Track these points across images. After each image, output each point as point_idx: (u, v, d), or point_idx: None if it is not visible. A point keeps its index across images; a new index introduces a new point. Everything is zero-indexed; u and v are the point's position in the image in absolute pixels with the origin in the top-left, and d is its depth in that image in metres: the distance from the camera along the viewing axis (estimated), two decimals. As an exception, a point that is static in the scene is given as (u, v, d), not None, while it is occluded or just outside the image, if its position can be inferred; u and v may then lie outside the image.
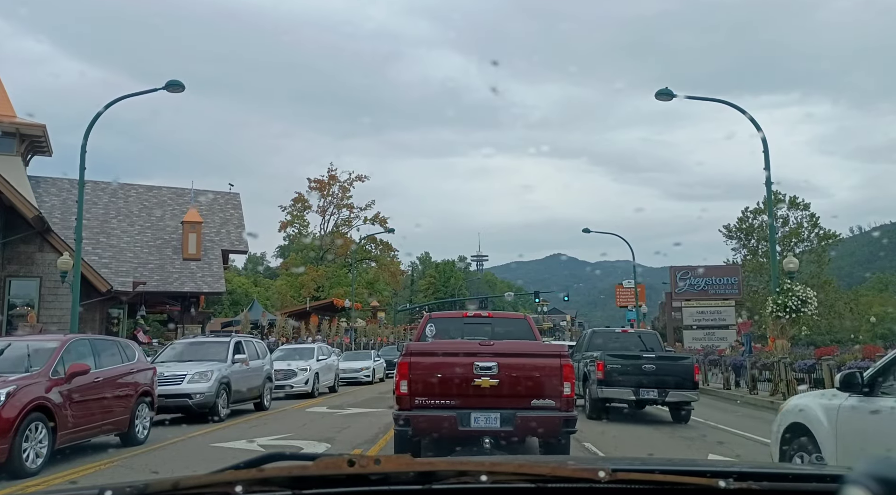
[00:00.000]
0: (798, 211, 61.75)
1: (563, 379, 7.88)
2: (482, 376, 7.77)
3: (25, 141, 28.60)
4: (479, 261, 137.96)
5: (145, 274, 31.28)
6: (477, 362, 7.82)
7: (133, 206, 35.38)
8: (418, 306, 75.57)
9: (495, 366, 7.80)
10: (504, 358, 7.91)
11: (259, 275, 76.75)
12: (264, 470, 1.39)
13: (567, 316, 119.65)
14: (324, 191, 59.38)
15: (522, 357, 8.19)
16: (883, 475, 1.08)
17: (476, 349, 8.07)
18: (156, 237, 34.10)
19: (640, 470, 1.56)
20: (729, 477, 1.41)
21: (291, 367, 19.71)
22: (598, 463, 1.56)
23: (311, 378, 19.93)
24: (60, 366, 8.80)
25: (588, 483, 1.37)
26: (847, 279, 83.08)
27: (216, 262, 33.73)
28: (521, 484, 1.40)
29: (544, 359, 8.19)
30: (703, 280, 38.46)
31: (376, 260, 62.93)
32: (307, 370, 20.00)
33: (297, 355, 21.16)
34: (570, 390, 7.98)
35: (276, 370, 18.47)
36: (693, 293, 38.34)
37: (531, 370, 8.03)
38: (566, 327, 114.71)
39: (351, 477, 1.34)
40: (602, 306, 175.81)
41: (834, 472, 1.46)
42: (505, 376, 7.80)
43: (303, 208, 60.29)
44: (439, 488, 1.38)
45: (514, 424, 7.72)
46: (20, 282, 22.54)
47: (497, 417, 7.73)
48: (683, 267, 39.11)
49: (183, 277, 32.45)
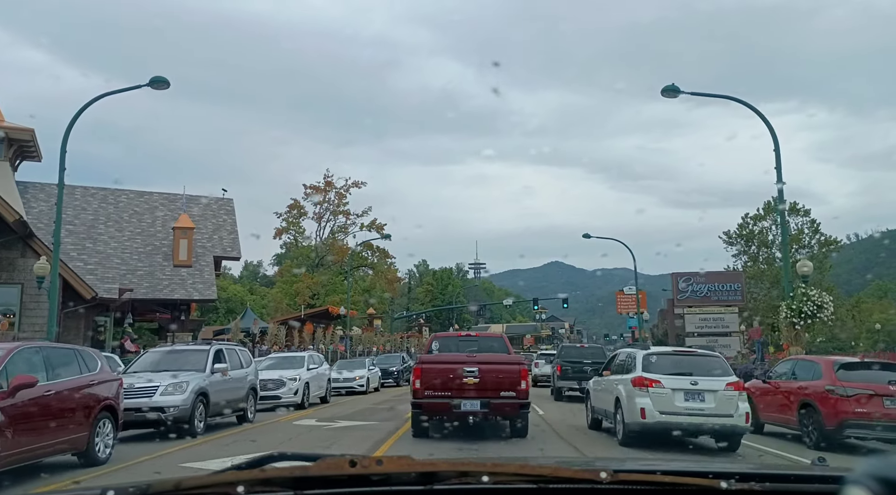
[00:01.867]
0: (799, 217, 61.24)
1: (521, 379, 11.80)
2: (468, 377, 11.64)
3: (14, 145, 28.01)
4: (476, 269, 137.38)
5: (134, 281, 30.53)
6: (465, 368, 11.72)
7: (123, 212, 34.67)
8: (416, 314, 74.63)
9: (477, 370, 11.69)
10: (482, 365, 11.80)
11: (255, 283, 75.84)
12: (266, 470, 1.41)
13: (566, 323, 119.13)
14: (320, 198, 58.63)
15: (494, 364, 12.02)
16: (884, 475, 1.09)
17: (464, 359, 11.99)
18: (146, 243, 33.37)
19: (641, 471, 1.59)
20: (731, 477, 1.42)
21: (281, 377, 18.86)
22: (600, 463, 1.60)
23: (300, 388, 19.15)
24: (3, 379, 7.97)
25: (590, 483, 1.38)
26: (845, 286, 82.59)
27: (208, 269, 32.97)
28: (522, 485, 1.42)
29: (509, 366, 12.21)
30: (705, 286, 37.80)
31: (373, 267, 62.09)
32: (296, 380, 19.19)
33: (286, 364, 20.37)
34: (526, 386, 11.85)
35: (264, 380, 17.90)
36: (695, 299, 37.63)
37: (500, 373, 11.83)
38: (565, 335, 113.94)
39: (352, 477, 1.36)
40: (601, 313, 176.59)
41: (835, 473, 1.48)
42: (483, 377, 11.63)
43: (299, 215, 59.63)
44: (441, 489, 1.39)
45: (489, 407, 11.59)
46: (1, 288, 21.73)
47: (478, 403, 11.55)
48: (685, 273, 38.44)
49: (173, 284, 31.69)
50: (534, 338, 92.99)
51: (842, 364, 12.69)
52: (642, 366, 11.59)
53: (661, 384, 11.10)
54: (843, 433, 11.57)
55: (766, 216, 62.54)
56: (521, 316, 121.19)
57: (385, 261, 60.94)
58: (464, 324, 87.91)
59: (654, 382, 11.13)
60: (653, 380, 11.17)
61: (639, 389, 11.19)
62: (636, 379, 11.33)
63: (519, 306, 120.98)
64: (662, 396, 11.00)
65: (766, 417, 13.70)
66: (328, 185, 59.40)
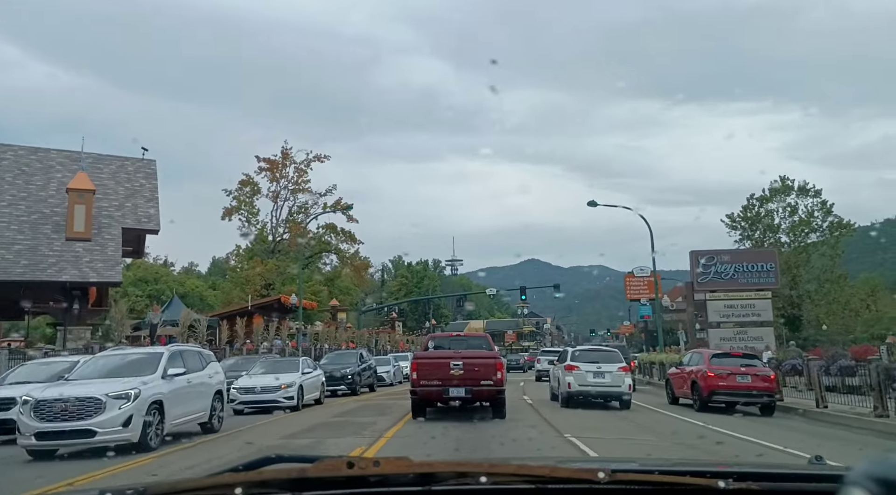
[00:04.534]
0: (808, 198, 55.22)
1: (496, 370, 14.45)
2: (454, 369, 14.24)
3: None
4: (453, 265, 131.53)
5: (9, 257, 22.74)
6: (452, 362, 14.39)
7: (7, 172, 26.77)
8: (386, 306, 66.86)
9: (462, 364, 14.31)
10: (466, 359, 14.52)
11: (222, 279, 67.30)
12: (263, 472, 1.42)
13: (547, 319, 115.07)
14: (276, 173, 50.56)
15: (475, 358, 14.79)
16: (882, 475, 1.10)
17: (451, 355, 14.80)
18: (31, 210, 25.69)
19: (639, 471, 1.59)
20: (728, 477, 1.42)
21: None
22: (597, 463, 1.63)
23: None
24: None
25: (587, 483, 1.38)
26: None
27: (112, 244, 25.74)
28: (520, 485, 1.41)
29: (487, 360, 14.88)
30: (730, 266, 31.28)
31: (337, 252, 54.25)
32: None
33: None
34: (501, 375, 14.50)
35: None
36: (719, 282, 30.91)
37: (479, 365, 14.46)
38: (547, 331, 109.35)
39: (350, 479, 1.36)
40: (577, 310, 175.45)
41: (833, 472, 1.49)
42: (466, 369, 14.26)
43: (252, 193, 51.29)
44: (439, 489, 1.39)
45: (472, 393, 14.35)
46: None
47: (463, 390, 14.23)
48: (707, 251, 31.77)
49: (63, 262, 24.32)
50: (516, 335, 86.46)
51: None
52: (570, 357, 18.60)
53: (579, 368, 17.80)
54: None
55: (773, 198, 56.20)
56: (500, 312, 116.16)
57: (352, 245, 53.22)
58: (441, 319, 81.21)
59: (575, 367, 17.87)
60: (574, 366, 17.92)
61: (568, 372, 17.87)
62: (566, 366, 18.11)
63: (497, 303, 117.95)
64: (580, 375, 17.67)
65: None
66: (285, 158, 51.61)
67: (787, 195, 56.04)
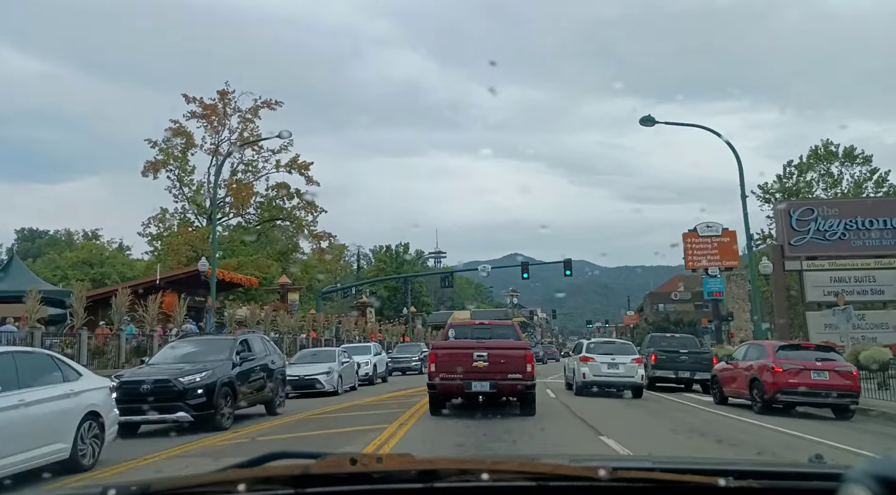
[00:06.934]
0: (856, 166, 47.19)
1: (525, 363, 13.10)
2: (478, 361, 12.94)
3: None
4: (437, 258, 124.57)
5: None
6: (475, 353, 13.06)
7: None
8: (352, 286, 56.56)
9: (486, 355, 12.98)
10: (491, 350, 13.16)
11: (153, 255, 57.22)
12: (267, 468, 1.42)
13: (537, 310, 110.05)
14: (213, 121, 40.15)
15: (501, 349, 13.35)
16: (883, 474, 1.09)
17: (474, 345, 13.45)
18: None
19: (640, 469, 1.59)
20: (729, 475, 1.43)
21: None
22: (599, 461, 1.57)
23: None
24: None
25: (589, 481, 1.39)
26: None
27: None
28: (522, 483, 1.41)
29: (514, 351, 13.46)
30: (839, 222, 21.88)
31: (292, 219, 44.27)
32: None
33: None
34: (531, 369, 13.19)
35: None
36: (821, 245, 21.53)
37: (507, 357, 13.12)
38: (537, 323, 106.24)
39: (353, 475, 1.36)
40: (559, 304, 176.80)
41: (834, 471, 1.48)
42: (491, 360, 12.95)
43: (187, 146, 40.91)
44: (441, 487, 1.39)
45: (497, 388, 13.01)
46: None
47: (487, 384, 12.89)
48: (803, 201, 22.50)
49: None
50: (507, 326, 77.61)
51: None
52: (586, 349, 19.72)
53: (594, 359, 18.78)
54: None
55: (815, 166, 47.50)
56: (482, 302, 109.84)
57: (311, 213, 43.30)
58: (422, 308, 72.16)
59: (590, 359, 18.86)
60: (590, 357, 18.94)
61: (583, 363, 18.96)
62: (582, 357, 19.27)
63: (479, 291, 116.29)
64: (595, 366, 18.64)
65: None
66: (224, 100, 41.22)
67: (830, 162, 48.37)
